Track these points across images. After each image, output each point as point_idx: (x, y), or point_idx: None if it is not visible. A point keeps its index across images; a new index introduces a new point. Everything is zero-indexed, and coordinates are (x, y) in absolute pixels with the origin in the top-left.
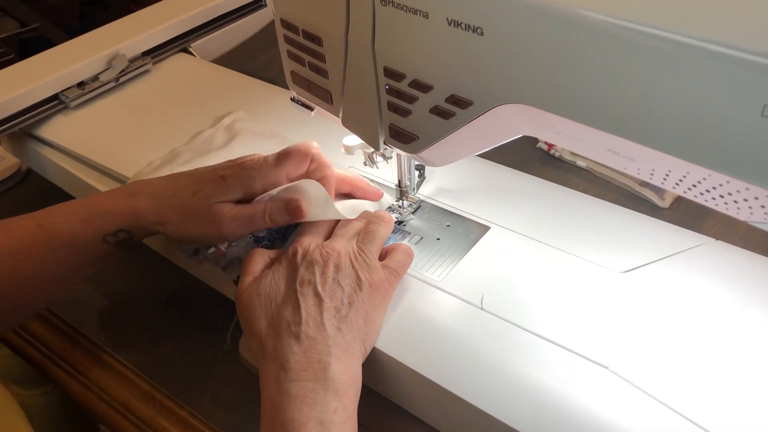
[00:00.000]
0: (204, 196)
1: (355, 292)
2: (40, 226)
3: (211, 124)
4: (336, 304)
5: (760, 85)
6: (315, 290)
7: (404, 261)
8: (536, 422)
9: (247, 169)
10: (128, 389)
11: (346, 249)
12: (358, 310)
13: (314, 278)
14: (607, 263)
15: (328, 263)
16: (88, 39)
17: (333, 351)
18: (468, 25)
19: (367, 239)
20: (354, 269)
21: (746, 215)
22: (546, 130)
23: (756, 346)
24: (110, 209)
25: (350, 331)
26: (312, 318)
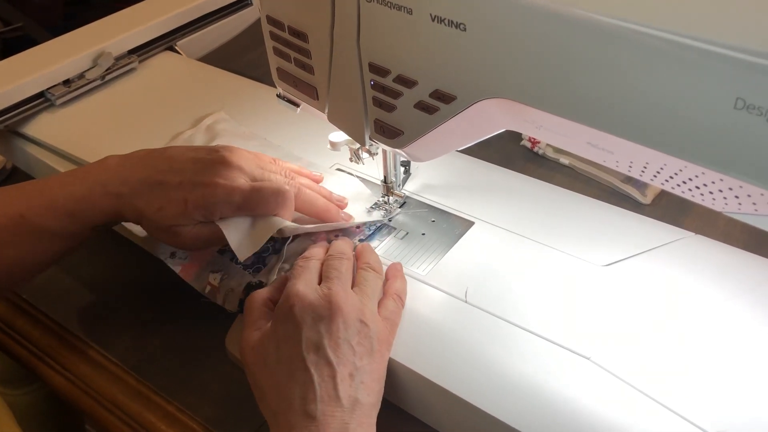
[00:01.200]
0: (166, 216)
1: (367, 353)
2: (23, 217)
3: (192, 125)
4: (349, 370)
5: (733, 79)
6: (326, 358)
7: (398, 310)
8: (519, 412)
9: (210, 199)
10: (115, 385)
11: (348, 299)
12: (372, 373)
13: (322, 341)
14: (589, 257)
15: (335, 319)
16: (74, 37)
17: (351, 427)
18: (451, 21)
19: (364, 287)
20: (363, 323)
21: (721, 206)
22: (527, 124)
23: (732, 337)
24: (96, 207)
25: (366, 398)
26: (326, 393)
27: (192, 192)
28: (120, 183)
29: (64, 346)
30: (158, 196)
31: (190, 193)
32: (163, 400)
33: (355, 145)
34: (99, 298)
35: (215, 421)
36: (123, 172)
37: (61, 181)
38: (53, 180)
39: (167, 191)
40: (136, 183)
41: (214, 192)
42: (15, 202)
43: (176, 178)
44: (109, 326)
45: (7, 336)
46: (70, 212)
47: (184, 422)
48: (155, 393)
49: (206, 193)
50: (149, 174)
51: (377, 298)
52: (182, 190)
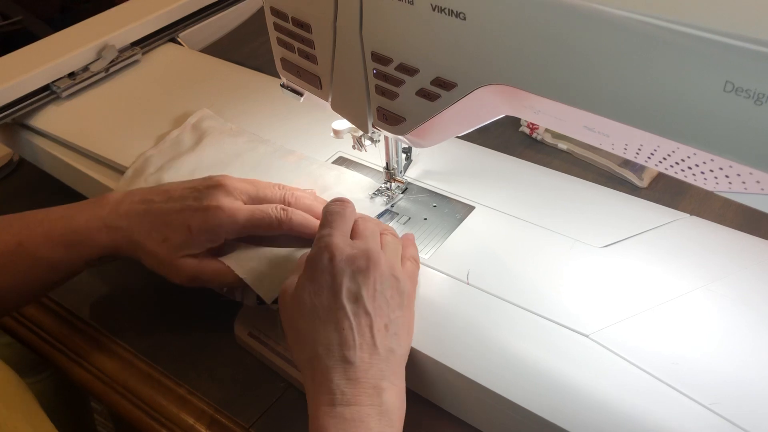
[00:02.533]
0: (171, 248)
1: (399, 306)
2: (21, 245)
3: (175, 125)
4: (385, 321)
5: (723, 63)
6: (364, 307)
7: (416, 270)
8: (519, 387)
9: (213, 221)
10: (127, 370)
11: (382, 255)
12: (404, 325)
13: (361, 291)
14: (587, 239)
15: (370, 272)
16: (77, 30)
17: (386, 375)
18: (451, 11)
19: (389, 249)
20: (395, 277)
21: (713, 185)
22: (526, 109)
23: (726, 314)
24: (92, 241)
25: (400, 349)
26: (365, 340)
27: (194, 217)
28: (118, 217)
29: (76, 333)
30: (160, 227)
31: (192, 218)
32: (174, 383)
33: (358, 133)
34: (109, 285)
35: (225, 403)
36: (122, 206)
37: (62, 213)
38: (54, 211)
39: (169, 219)
40: (135, 216)
41: (216, 214)
42: (15, 230)
43: (177, 206)
44: (119, 312)
45: (20, 324)
46: (66, 243)
47: (194, 405)
48: (166, 377)
49: (209, 216)
50: (149, 207)
51: (400, 258)
52: (184, 216)
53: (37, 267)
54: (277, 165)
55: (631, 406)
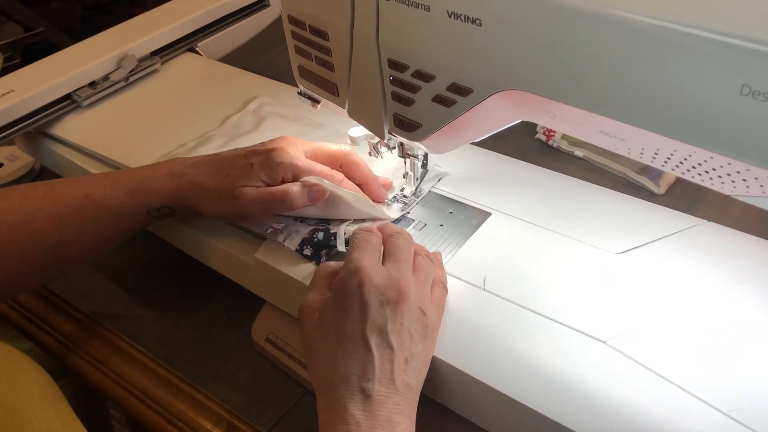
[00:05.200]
0: (232, 180)
1: (421, 340)
2: (88, 195)
3: (238, 109)
4: (406, 356)
5: (739, 66)
6: (388, 341)
7: (444, 297)
8: (536, 393)
9: (276, 159)
10: (145, 375)
11: (414, 287)
12: (424, 360)
13: (386, 324)
14: (604, 245)
15: (400, 306)
16: (98, 40)
17: (401, 409)
18: (467, 17)
19: (422, 274)
20: (422, 312)
21: (730, 189)
22: (542, 114)
23: (745, 321)
24: (156, 186)
25: (416, 384)
26: (385, 374)
27: (257, 157)
28: (185, 166)
29: (94, 338)
30: (224, 167)
31: (255, 158)
32: (192, 388)
33: (374, 140)
34: (128, 291)
35: (242, 409)
36: (189, 160)
37: (130, 169)
38: (123, 170)
39: (235, 162)
40: (201, 164)
41: (279, 153)
42: (83, 183)
43: (242, 152)
44: (138, 318)
45: (39, 329)
46: (131, 191)
47: (212, 410)
48: (184, 382)
49: (272, 154)
50: (215, 156)
51: (430, 284)
52: (248, 158)
53: (101, 217)
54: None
55: (648, 413)
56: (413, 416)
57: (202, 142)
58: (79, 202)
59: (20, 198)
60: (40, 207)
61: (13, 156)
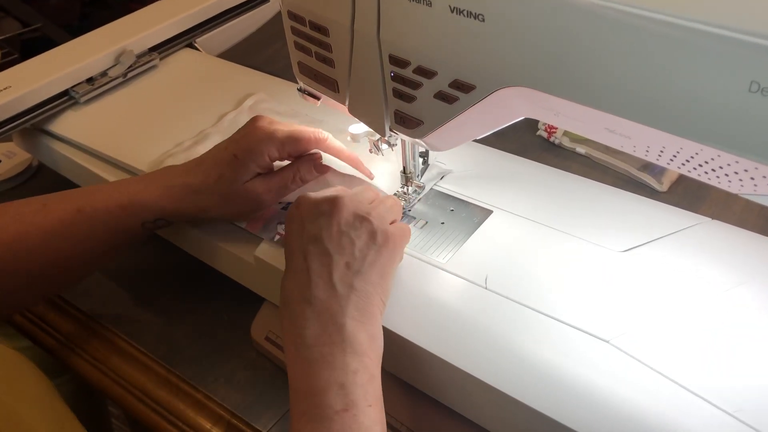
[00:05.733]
0: (228, 179)
1: (367, 246)
2: (80, 211)
3: (232, 108)
4: (347, 259)
5: (747, 63)
6: (322, 247)
7: (406, 228)
8: (538, 393)
9: (253, 140)
10: (145, 374)
11: (353, 200)
12: (373, 264)
13: (320, 232)
14: (607, 243)
15: (334, 213)
16: (96, 36)
17: (347, 311)
18: (470, 12)
19: (378, 202)
20: (365, 220)
21: (737, 187)
22: (546, 111)
23: (748, 320)
24: (150, 200)
25: (365, 287)
26: (321, 278)
27: (237, 145)
28: (176, 176)
29: (94, 337)
30: (212, 167)
31: (236, 147)
32: (191, 388)
33: (374, 137)
34: (127, 290)
35: (242, 408)
36: (177, 169)
37: (120, 182)
38: (113, 182)
39: (219, 157)
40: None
41: (255, 133)
42: (74, 198)
43: (222, 144)
44: (137, 317)
45: (38, 329)
46: (122, 205)
47: (211, 409)
48: (183, 381)
49: (249, 138)
50: (200, 158)
51: (387, 213)
52: (229, 149)
53: (95, 231)
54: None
55: (652, 413)
56: (370, 320)
57: (200, 140)
58: (72, 217)
59: (13, 214)
60: (33, 222)
61: (10, 153)
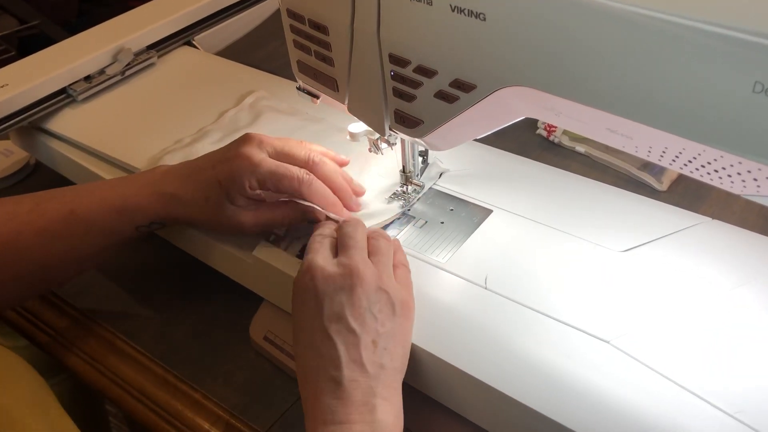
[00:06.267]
0: (216, 204)
1: (389, 319)
2: (73, 213)
3: (235, 104)
4: (372, 337)
5: (752, 63)
6: (348, 326)
7: (409, 276)
8: (539, 394)
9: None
10: (142, 374)
11: (368, 268)
12: (396, 338)
13: (344, 311)
14: (607, 243)
15: (355, 288)
16: (93, 34)
17: (378, 391)
18: (471, 11)
19: (380, 254)
20: (383, 290)
21: (740, 188)
22: (547, 111)
23: (749, 320)
24: (142, 205)
25: (392, 363)
26: (352, 359)
27: (222, 169)
28: (166, 183)
29: (91, 336)
30: (200, 187)
31: (220, 171)
32: (189, 388)
33: (374, 136)
34: (125, 289)
35: (240, 408)
36: (170, 173)
37: (112, 183)
38: (104, 182)
39: (204, 177)
40: (179, 180)
41: (238, 164)
42: (67, 199)
43: (209, 163)
44: (135, 317)
45: (35, 327)
46: (117, 209)
47: (209, 409)
48: (181, 381)
49: (233, 165)
50: (190, 170)
51: (391, 265)
52: (215, 171)
53: (89, 233)
54: (329, 142)
55: (652, 414)
56: (395, 397)
57: (199, 137)
58: (65, 218)
59: (5, 213)
60: (26, 222)
61: (8, 151)
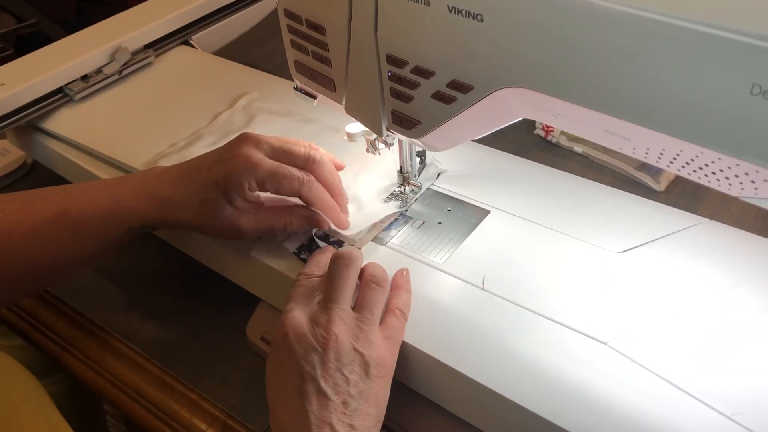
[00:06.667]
0: (213, 206)
1: (361, 380)
2: (65, 213)
3: (216, 113)
4: (343, 398)
5: (749, 65)
6: (318, 387)
7: (401, 326)
8: (536, 395)
9: (234, 171)
10: (139, 374)
11: (344, 327)
12: (368, 399)
13: (315, 371)
14: (605, 244)
15: (327, 350)
16: (90, 33)
17: None
18: (468, 12)
19: (365, 309)
20: (357, 352)
21: (737, 191)
22: (545, 112)
23: (747, 322)
24: (134, 208)
25: (363, 423)
26: (323, 420)
27: (219, 170)
28: (159, 186)
29: (88, 336)
30: (195, 190)
31: (217, 172)
32: (186, 388)
33: (371, 136)
34: (121, 289)
35: (237, 409)
36: (164, 176)
37: (105, 183)
38: (97, 182)
39: (200, 179)
40: (173, 183)
41: (236, 164)
42: (59, 198)
43: (205, 164)
44: (131, 317)
45: (32, 327)
46: (108, 211)
47: (206, 410)
48: (178, 382)
49: (230, 165)
50: (184, 172)
51: (379, 315)
52: (211, 172)
53: (80, 235)
54: (324, 143)
55: (650, 415)
56: None
57: (193, 141)
58: (56, 219)
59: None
60: (17, 221)
61: (4, 150)
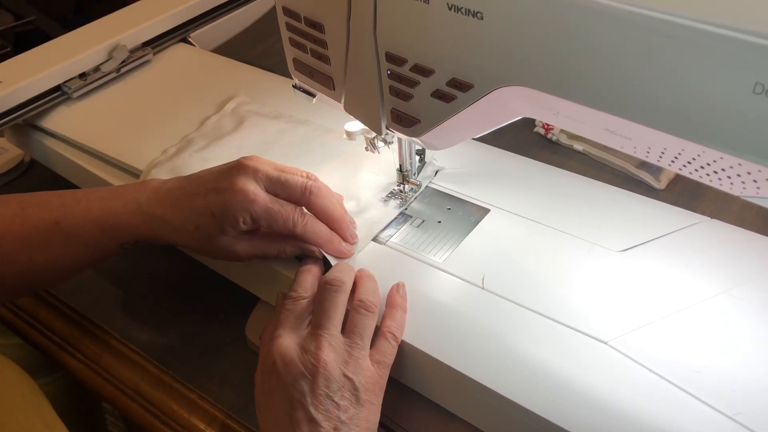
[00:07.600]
0: (204, 236)
1: (352, 405)
2: (58, 224)
3: (215, 111)
4: (334, 424)
5: (751, 64)
6: (308, 414)
7: (391, 350)
8: (536, 395)
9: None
10: (138, 374)
11: (333, 354)
12: (359, 424)
13: (305, 398)
14: (605, 242)
15: (317, 377)
16: (88, 30)
17: None
18: (468, 10)
19: (355, 334)
20: (347, 378)
21: (739, 190)
22: (545, 111)
23: (748, 321)
24: (127, 224)
25: None
26: None
27: (215, 201)
28: (155, 204)
29: (86, 336)
30: (190, 215)
31: (213, 202)
32: (185, 388)
33: (371, 135)
34: (120, 288)
35: (236, 409)
36: (159, 194)
37: (100, 195)
38: (92, 192)
39: (196, 205)
40: (169, 203)
41: (233, 198)
42: (53, 208)
43: (202, 190)
44: (130, 316)
45: (30, 327)
46: (102, 226)
47: (205, 409)
48: (177, 381)
49: (226, 199)
50: (181, 194)
51: (369, 339)
52: (207, 200)
53: (72, 246)
54: (318, 144)
55: (651, 415)
56: None
57: (184, 147)
58: (49, 228)
59: None
60: (9, 229)
61: (2, 149)
